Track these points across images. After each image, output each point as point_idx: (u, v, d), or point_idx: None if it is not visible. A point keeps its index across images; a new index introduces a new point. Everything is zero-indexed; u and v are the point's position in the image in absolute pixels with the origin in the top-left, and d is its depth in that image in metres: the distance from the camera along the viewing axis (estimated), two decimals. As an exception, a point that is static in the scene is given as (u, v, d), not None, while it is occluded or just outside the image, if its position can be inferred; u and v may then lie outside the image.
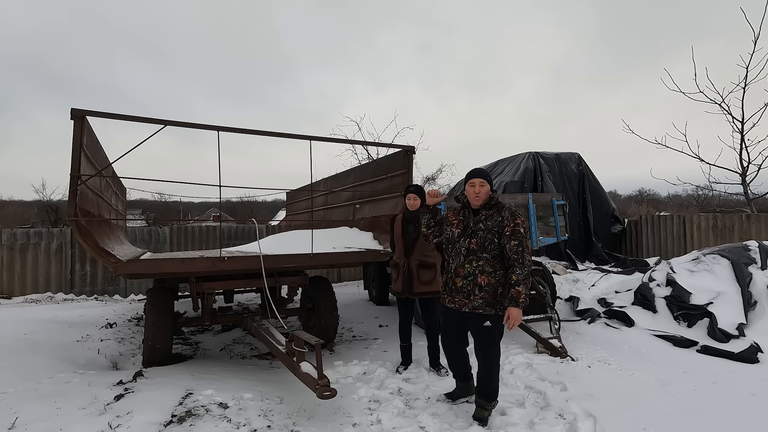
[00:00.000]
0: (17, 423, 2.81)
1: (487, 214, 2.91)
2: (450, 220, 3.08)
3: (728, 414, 3.08)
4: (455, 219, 3.04)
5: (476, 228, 2.89)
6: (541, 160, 11.10)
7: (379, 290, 7.72)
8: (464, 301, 2.88)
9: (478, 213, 2.93)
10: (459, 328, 3.06)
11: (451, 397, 3.32)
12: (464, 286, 2.88)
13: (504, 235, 2.84)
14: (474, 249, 2.86)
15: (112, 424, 2.76)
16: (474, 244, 2.86)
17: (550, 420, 3.05)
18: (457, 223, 3.01)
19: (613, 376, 3.89)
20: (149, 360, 4.22)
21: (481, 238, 2.85)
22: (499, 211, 2.91)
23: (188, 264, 3.72)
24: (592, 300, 6.47)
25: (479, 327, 2.90)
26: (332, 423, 2.97)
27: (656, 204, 35.83)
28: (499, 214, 2.89)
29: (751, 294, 4.95)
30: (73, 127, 3.30)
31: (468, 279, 2.86)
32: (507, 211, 2.89)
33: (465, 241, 2.89)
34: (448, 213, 3.13)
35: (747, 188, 10.89)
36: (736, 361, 4.11)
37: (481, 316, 2.86)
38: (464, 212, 3.01)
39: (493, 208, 2.93)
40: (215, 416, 2.93)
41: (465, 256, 2.88)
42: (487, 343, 2.92)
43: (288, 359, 3.36)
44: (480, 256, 2.85)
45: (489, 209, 2.92)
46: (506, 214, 2.88)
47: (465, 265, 2.87)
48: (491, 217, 2.90)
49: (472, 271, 2.85)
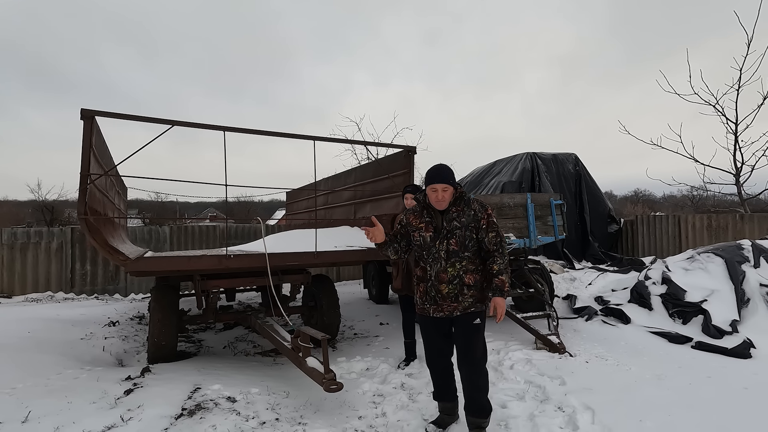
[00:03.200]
0: (30, 416, 2.88)
1: (458, 210, 2.72)
2: (415, 224, 2.80)
3: (721, 406, 3.18)
4: (420, 222, 2.78)
5: (451, 227, 2.68)
6: (538, 160, 11.22)
7: (379, 289, 7.80)
8: (453, 306, 2.68)
9: (448, 211, 2.71)
10: (445, 339, 2.82)
11: (440, 425, 2.92)
12: (451, 291, 2.67)
13: (481, 229, 2.70)
14: (455, 250, 2.66)
15: (124, 417, 2.83)
16: (453, 244, 2.66)
17: (550, 413, 3.14)
18: (425, 226, 2.75)
19: (610, 371, 3.99)
20: (155, 357, 4.28)
21: (460, 236, 2.67)
22: (468, 204, 2.74)
23: (195, 262, 3.79)
24: (589, 298, 6.58)
25: (468, 326, 2.71)
26: (338, 416, 3.05)
27: (652, 204, 36.09)
28: (470, 208, 2.72)
29: (744, 291, 5.06)
30: (83, 128, 3.36)
31: (454, 283, 2.66)
32: (476, 203, 2.75)
33: (442, 244, 2.67)
34: (409, 217, 2.85)
35: (741, 188, 11.05)
36: (730, 356, 4.22)
37: (473, 314, 2.71)
38: (428, 212, 2.77)
39: (462, 202, 2.74)
40: (224, 409, 3.00)
41: (446, 259, 2.66)
42: (477, 341, 2.73)
43: (294, 355, 3.44)
44: (462, 256, 2.67)
45: (459, 205, 2.74)
46: (476, 206, 2.73)
47: (448, 269, 2.66)
48: (463, 212, 2.71)
49: (456, 273, 2.67)
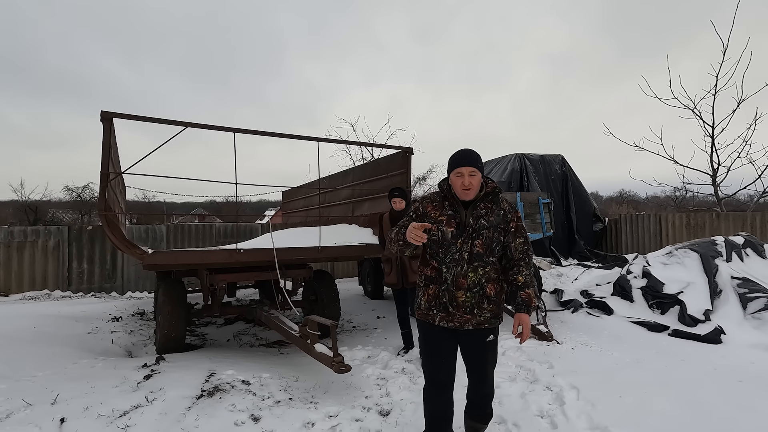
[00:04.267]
0: (58, 399, 3.07)
1: (487, 207, 2.34)
2: (434, 216, 2.36)
3: (692, 385, 3.51)
4: (441, 214, 2.35)
5: (478, 226, 2.30)
6: (527, 161, 11.61)
7: (374, 285, 8.06)
8: (467, 317, 2.30)
9: (474, 206, 2.33)
10: (449, 351, 2.40)
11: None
12: (468, 299, 2.29)
13: (509, 233, 2.35)
14: (479, 253, 2.28)
15: (149, 398, 3.05)
16: (479, 246, 2.28)
17: (539, 392, 3.44)
18: (446, 219, 2.33)
19: (593, 356, 4.31)
20: (164, 348, 4.48)
21: (487, 238, 2.29)
22: (497, 203, 2.37)
23: (208, 255, 4.00)
24: (575, 292, 6.92)
25: (481, 342, 2.36)
26: (346, 396, 3.30)
27: (636, 205, 36.98)
28: (500, 207, 2.36)
29: (717, 284, 5.45)
30: (103, 129, 3.56)
31: (473, 291, 2.29)
32: (506, 203, 2.41)
33: (466, 244, 2.28)
34: (427, 206, 2.41)
35: (717, 189, 11.59)
36: (703, 342, 4.58)
37: (486, 331, 2.35)
38: (450, 205, 2.36)
39: (492, 199, 2.37)
40: (241, 390, 3.23)
41: (468, 262, 2.28)
42: (491, 359, 2.43)
43: (302, 342, 3.68)
44: (487, 260, 2.30)
45: (489, 201, 2.35)
46: (506, 206, 2.39)
47: (469, 274, 2.28)
48: (492, 211, 2.34)
49: (478, 280, 2.28)
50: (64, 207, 32.09)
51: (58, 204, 31.85)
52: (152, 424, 2.72)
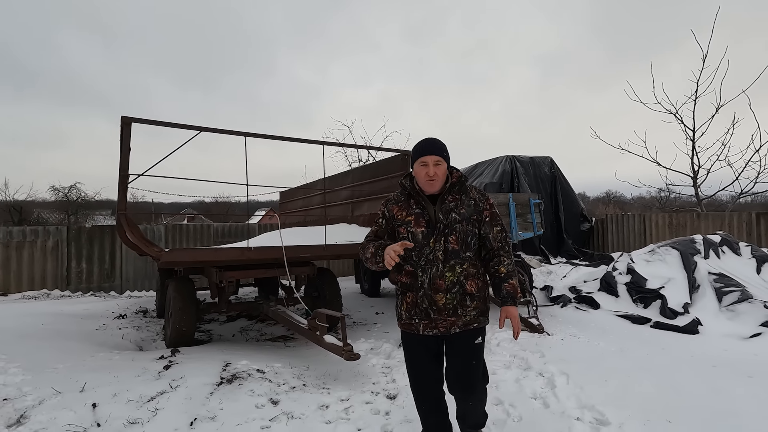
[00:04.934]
0: (86, 387, 3.27)
1: (455, 199, 2.19)
2: (401, 217, 2.20)
3: (671, 370, 3.84)
4: (408, 214, 2.19)
5: (449, 221, 2.14)
6: (517, 163, 11.98)
7: (371, 283, 8.33)
8: (451, 320, 2.16)
9: (442, 200, 2.17)
10: (438, 363, 2.27)
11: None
12: (449, 301, 2.14)
13: (484, 222, 2.21)
14: (455, 249, 2.13)
15: (172, 385, 3.26)
16: (453, 242, 2.13)
17: (532, 377, 3.74)
18: (414, 219, 2.17)
19: (582, 346, 4.63)
20: (175, 342, 4.66)
21: (461, 232, 2.14)
22: (466, 193, 2.23)
23: (221, 253, 4.22)
24: (563, 288, 7.27)
25: (468, 346, 2.22)
26: (355, 382, 3.56)
27: (622, 205, 37.82)
28: (469, 197, 2.22)
29: (695, 279, 5.82)
30: (122, 133, 3.76)
31: (453, 291, 2.14)
32: (475, 191, 2.26)
33: (439, 242, 2.13)
34: (392, 208, 2.25)
35: (698, 190, 12.10)
36: (682, 332, 4.93)
37: (474, 332, 2.22)
38: (416, 202, 2.20)
39: (460, 189, 2.22)
40: (257, 378, 3.46)
41: (444, 261, 2.13)
42: (478, 364, 2.27)
43: (312, 334, 3.92)
44: (464, 257, 2.16)
45: (456, 192, 2.21)
46: (476, 195, 2.25)
47: (446, 274, 2.13)
48: (461, 202, 2.19)
49: (456, 279, 2.14)
50: (49, 207, 31.71)
51: (43, 204, 31.44)
52: (180, 407, 2.94)
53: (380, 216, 2.30)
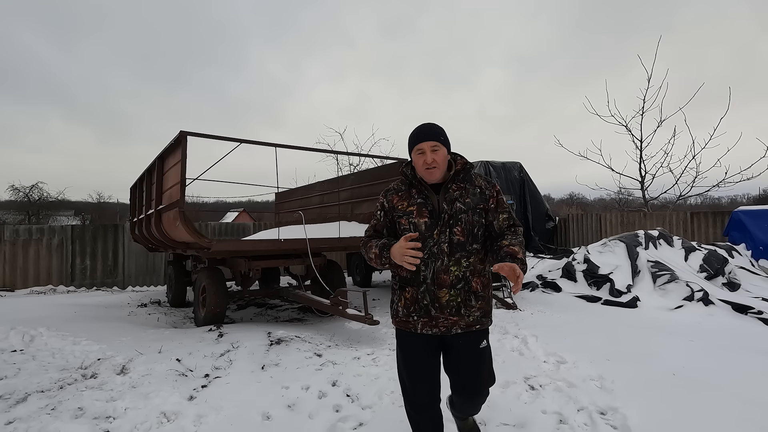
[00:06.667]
0: (163, 349, 4.06)
1: (460, 187, 2.08)
2: (402, 207, 2.08)
3: (615, 331, 5.01)
4: (410, 204, 2.06)
5: (454, 210, 2.02)
6: (490, 167, 13.23)
7: (363, 275, 9.29)
8: (453, 320, 2.02)
9: (446, 188, 2.06)
10: (436, 367, 2.12)
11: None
12: (453, 297, 2.01)
13: (489, 211, 2.08)
14: (460, 241, 2.01)
15: (234, 345, 4.11)
16: (458, 234, 2.01)
17: (510, 339, 4.80)
18: (416, 209, 2.04)
19: (547, 318, 5.76)
20: (210, 321, 5.45)
21: (467, 222, 2.02)
22: (471, 181, 2.10)
23: (258, 244, 5.07)
24: (532, 276, 8.47)
25: (473, 349, 2.08)
26: (375, 342, 4.51)
27: (584, 206, 40.34)
28: (475, 186, 2.10)
29: (637, 266, 7.11)
30: (182, 145, 4.56)
31: (458, 288, 2.02)
32: (481, 180, 2.14)
33: (444, 234, 2.00)
34: (392, 198, 2.12)
35: (644, 192, 13.74)
36: (625, 307, 6.16)
37: (478, 334, 2.09)
38: (418, 192, 2.08)
39: (465, 177, 2.10)
40: (297, 341, 4.35)
41: (449, 254, 2.00)
42: (484, 368, 2.13)
43: (336, 308, 4.84)
44: (470, 249, 2.03)
45: (461, 181, 2.09)
46: (482, 183, 2.12)
47: (451, 268, 2.01)
48: (467, 191, 2.07)
49: (461, 274, 2.02)
50: (7, 207, 30.60)
51: (1, 204, 30.29)
52: (248, 359, 3.80)
53: (379, 208, 2.17)
